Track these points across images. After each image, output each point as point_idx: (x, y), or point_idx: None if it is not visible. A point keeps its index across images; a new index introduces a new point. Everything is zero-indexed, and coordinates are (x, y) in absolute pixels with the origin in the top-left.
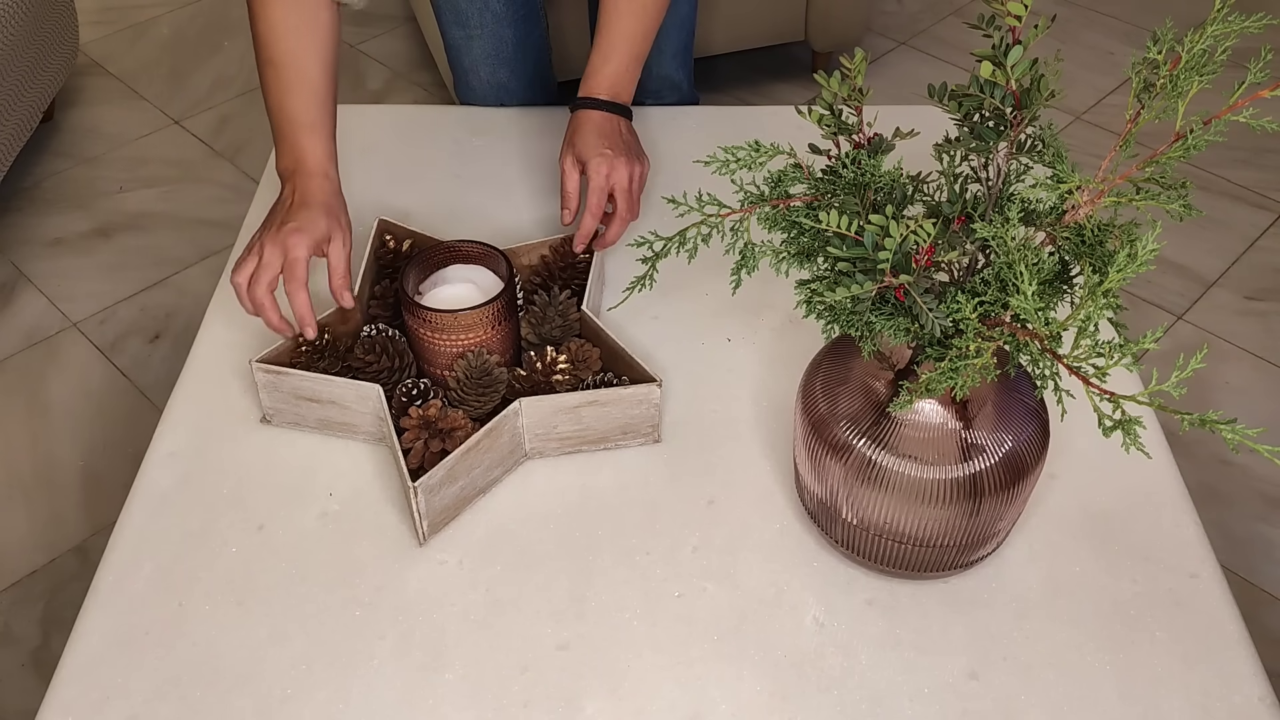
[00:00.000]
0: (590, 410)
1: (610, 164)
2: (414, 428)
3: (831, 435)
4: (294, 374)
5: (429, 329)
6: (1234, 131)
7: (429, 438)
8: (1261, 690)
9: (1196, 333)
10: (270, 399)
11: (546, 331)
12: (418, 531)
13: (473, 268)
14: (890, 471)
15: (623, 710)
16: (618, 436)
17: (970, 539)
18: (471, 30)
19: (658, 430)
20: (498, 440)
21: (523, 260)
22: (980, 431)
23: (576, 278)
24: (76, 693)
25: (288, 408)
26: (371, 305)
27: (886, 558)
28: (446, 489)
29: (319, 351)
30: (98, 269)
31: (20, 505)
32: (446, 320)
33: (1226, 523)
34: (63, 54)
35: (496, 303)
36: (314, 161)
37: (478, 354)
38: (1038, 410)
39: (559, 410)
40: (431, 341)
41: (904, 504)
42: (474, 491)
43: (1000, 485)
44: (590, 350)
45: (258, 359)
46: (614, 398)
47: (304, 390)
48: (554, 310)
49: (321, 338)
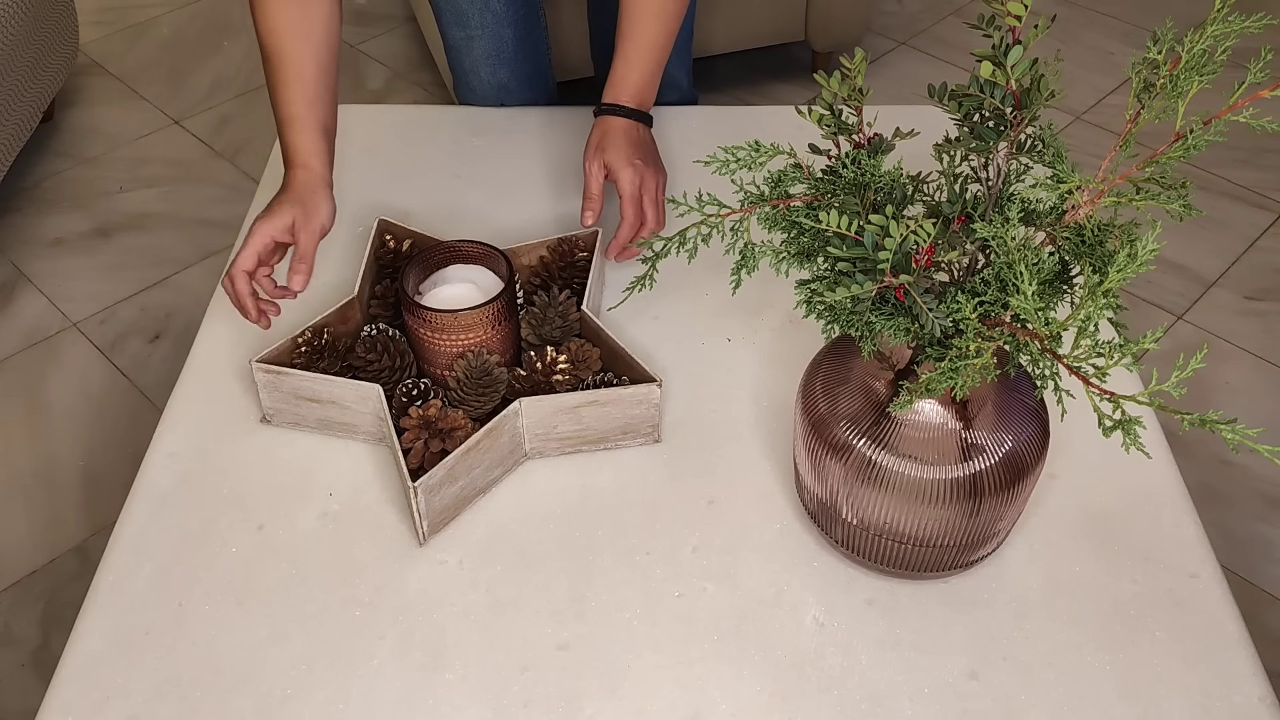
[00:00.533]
0: (590, 410)
1: (641, 174)
2: (414, 428)
3: (831, 435)
4: (294, 374)
5: (429, 329)
6: (1234, 131)
7: (429, 438)
8: (1261, 690)
9: (1196, 333)
10: (270, 399)
11: (546, 332)
12: (418, 531)
13: (473, 268)
14: (890, 471)
15: (623, 710)
16: (618, 436)
17: (970, 539)
18: (472, 31)
19: (658, 430)
20: (498, 440)
21: (522, 260)
22: (980, 431)
23: (576, 277)
24: (76, 693)
25: (288, 408)
26: (372, 305)
27: (886, 558)
28: (446, 489)
29: (319, 351)
30: (98, 269)
31: (20, 505)
32: (446, 320)
33: (1226, 523)
34: (63, 54)
35: (496, 303)
36: (295, 154)
37: (478, 354)
38: (1038, 410)
39: (559, 410)
40: (431, 341)
41: (904, 504)
42: (474, 491)
43: (1000, 485)
44: (590, 350)
45: (257, 359)
46: (614, 398)
47: (304, 390)
48: (554, 310)
49: (321, 337)
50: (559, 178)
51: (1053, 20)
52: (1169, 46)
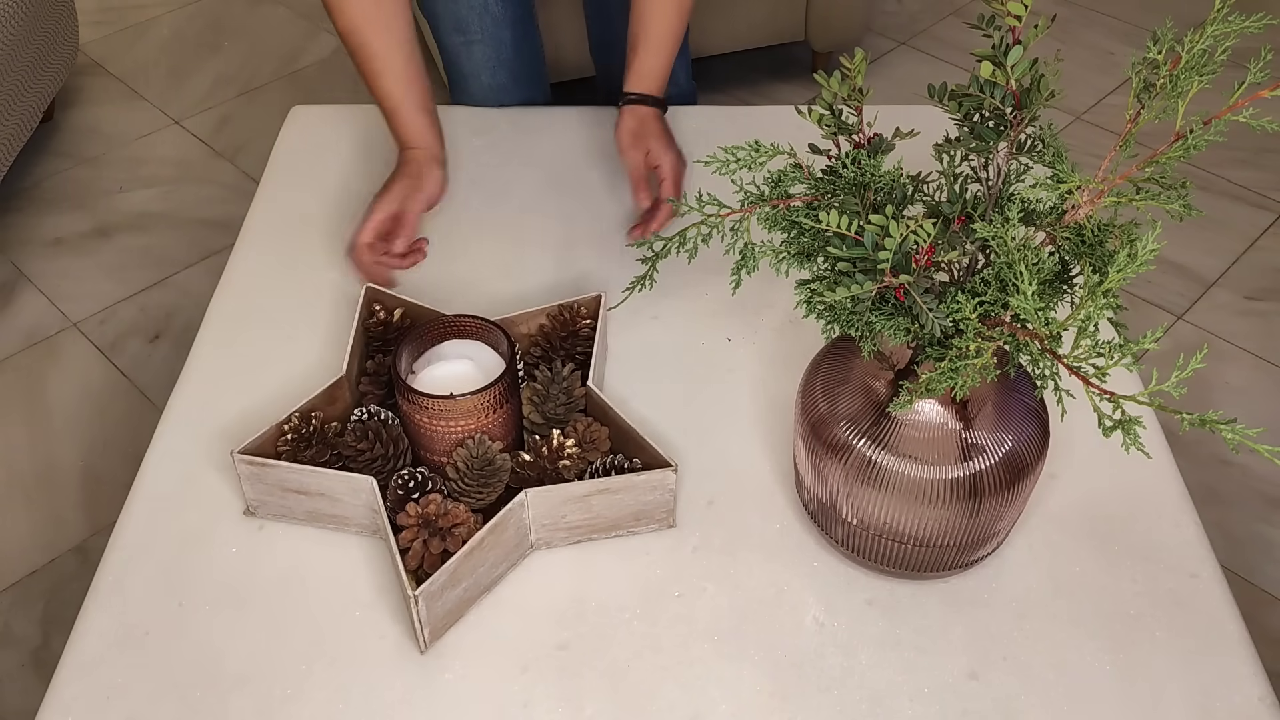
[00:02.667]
0: (601, 499)
1: (676, 158)
2: (412, 526)
3: (831, 435)
4: (279, 465)
5: (425, 415)
6: (1234, 131)
7: (429, 537)
8: (1261, 690)
9: (1196, 333)
10: (254, 490)
11: (550, 410)
12: (419, 639)
13: (470, 343)
14: (890, 471)
15: (623, 710)
16: (630, 523)
17: (970, 539)
18: (471, 36)
19: (672, 515)
20: (502, 536)
21: (521, 329)
22: (980, 431)
23: (580, 346)
24: (76, 693)
25: (273, 499)
26: (362, 382)
27: (886, 558)
28: (449, 592)
29: (306, 439)
30: (98, 269)
31: (20, 505)
32: (444, 406)
33: (1226, 523)
34: (63, 54)
35: (497, 386)
36: (404, 138)
37: (478, 441)
38: (1038, 410)
39: (567, 500)
40: (428, 428)
41: (904, 504)
42: (478, 591)
43: (1000, 485)
44: (598, 430)
45: (239, 449)
46: (625, 485)
47: (290, 482)
48: (557, 387)
49: (309, 423)
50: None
51: (1053, 20)
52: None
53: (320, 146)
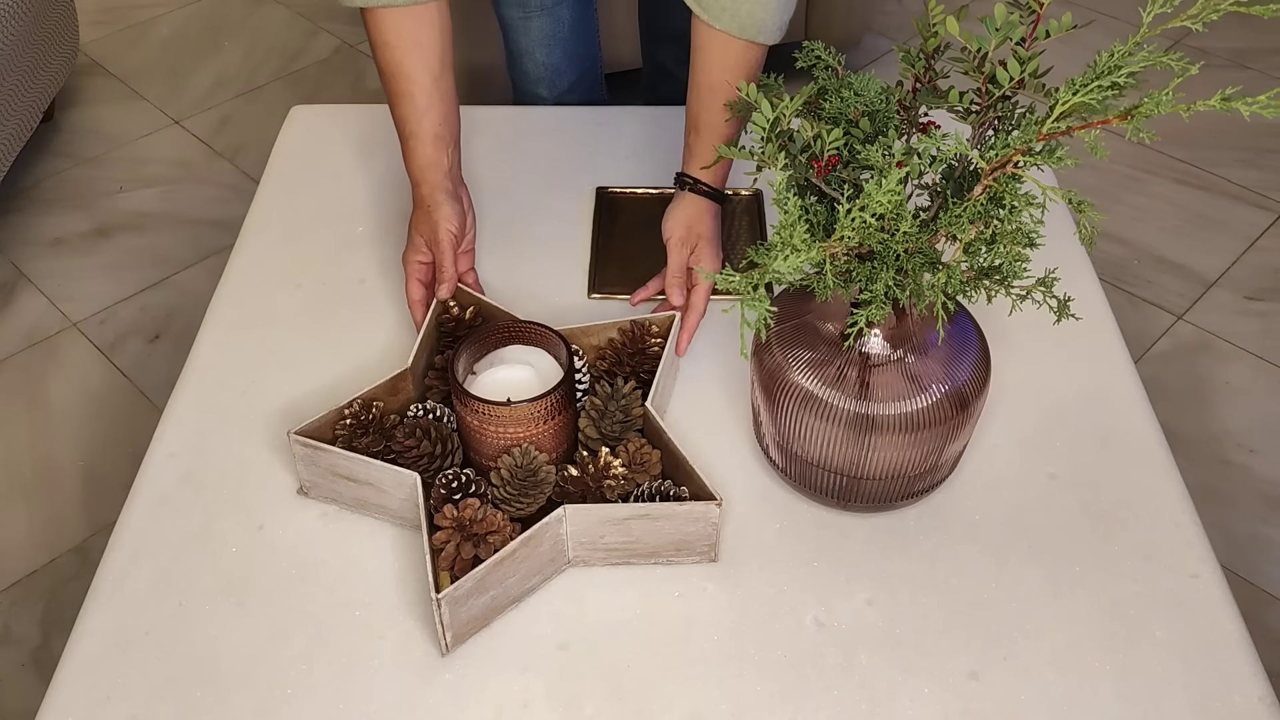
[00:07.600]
0: (640, 524)
1: (716, 264)
2: (448, 528)
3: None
4: (331, 450)
5: (477, 418)
6: (1235, 131)
7: (462, 541)
8: (1261, 690)
9: (1196, 333)
10: (307, 472)
11: (606, 426)
12: (441, 642)
13: (532, 350)
14: (842, 410)
15: (623, 710)
16: (670, 553)
17: (921, 469)
18: (530, 11)
19: (714, 549)
20: (536, 549)
21: (590, 340)
22: (926, 364)
23: (646, 365)
24: (76, 693)
25: (325, 482)
26: (429, 376)
27: (835, 491)
28: (475, 600)
29: (364, 426)
30: (98, 269)
31: (20, 505)
32: (497, 411)
33: (1226, 523)
34: (63, 54)
35: (550, 397)
36: (413, 172)
37: (525, 451)
38: (978, 341)
39: (606, 521)
40: (480, 431)
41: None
42: (506, 601)
43: (948, 415)
44: (650, 453)
45: (296, 430)
46: (667, 513)
47: (340, 468)
48: (615, 405)
49: (370, 411)
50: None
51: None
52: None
53: (320, 146)
